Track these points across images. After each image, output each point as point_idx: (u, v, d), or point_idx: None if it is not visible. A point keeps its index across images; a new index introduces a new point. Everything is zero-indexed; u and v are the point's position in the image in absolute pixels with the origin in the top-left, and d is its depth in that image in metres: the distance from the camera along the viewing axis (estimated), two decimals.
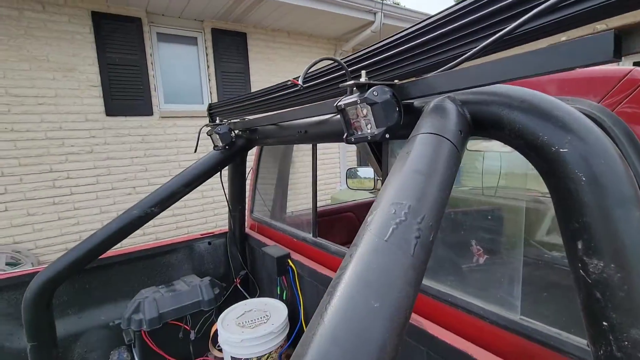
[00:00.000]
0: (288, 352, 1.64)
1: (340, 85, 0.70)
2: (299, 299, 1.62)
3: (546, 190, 0.57)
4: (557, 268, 0.99)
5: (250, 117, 1.50)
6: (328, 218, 2.55)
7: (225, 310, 1.67)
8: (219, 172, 1.70)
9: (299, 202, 4.43)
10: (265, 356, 1.49)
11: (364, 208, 2.93)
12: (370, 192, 3.58)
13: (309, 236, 1.64)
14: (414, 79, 0.67)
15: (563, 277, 0.95)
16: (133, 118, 4.27)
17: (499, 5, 0.50)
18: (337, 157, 6.16)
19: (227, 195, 1.95)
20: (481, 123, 0.61)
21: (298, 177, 3.23)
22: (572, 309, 0.85)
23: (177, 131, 4.60)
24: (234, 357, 1.48)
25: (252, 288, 2.05)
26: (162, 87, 4.53)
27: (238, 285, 2.02)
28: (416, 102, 0.70)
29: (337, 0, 4.66)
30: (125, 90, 4.16)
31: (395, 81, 0.67)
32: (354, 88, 0.70)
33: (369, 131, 0.67)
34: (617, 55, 0.40)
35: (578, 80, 0.71)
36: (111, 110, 4.10)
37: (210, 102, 4.81)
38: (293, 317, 1.64)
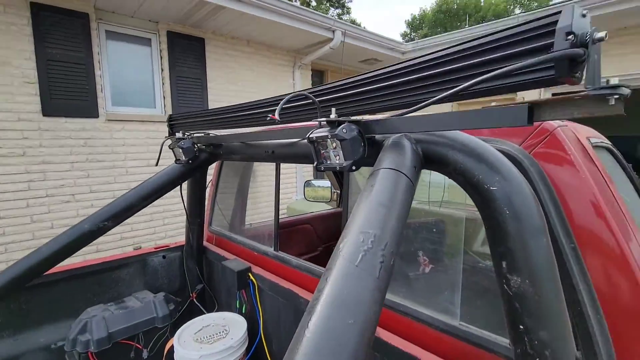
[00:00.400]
0: None
1: (312, 120, 0.77)
2: (259, 313, 1.64)
3: None
4: (491, 276, 1.15)
5: (215, 133, 1.51)
6: (286, 230, 2.59)
7: (182, 326, 1.63)
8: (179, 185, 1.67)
9: (256, 213, 4.41)
10: None
11: (320, 220, 3.02)
12: (327, 203, 3.68)
13: (270, 250, 1.68)
14: (378, 117, 0.77)
15: (495, 284, 1.12)
16: (75, 120, 3.94)
17: (453, 67, 0.61)
18: (293, 168, 6.22)
19: (185, 208, 1.91)
20: (431, 160, 0.72)
21: (255, 188, 3.23)
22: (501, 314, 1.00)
23: (126, 136, 4.34)
24: None
25: (209, 302, 2.02)
26: (110, 89, 4.26)
27: (194, 300, 1.98)
28: (377, 137, 0.81)
29: (298, 16, 4.79)
30: (67, 90, 3.84)
31: (362, 118, 0.76)
32: (325, 122, 0.78)
33: (337, 162, 0.76)
34: (530, 122, 0.53)
35: (508, 130, 0.87)
36: (49, 110, 3.75)
37: (164, 106, 4.63)
38: (252, 330, 1.65)
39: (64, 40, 3.78)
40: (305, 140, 1.05)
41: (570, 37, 0.46)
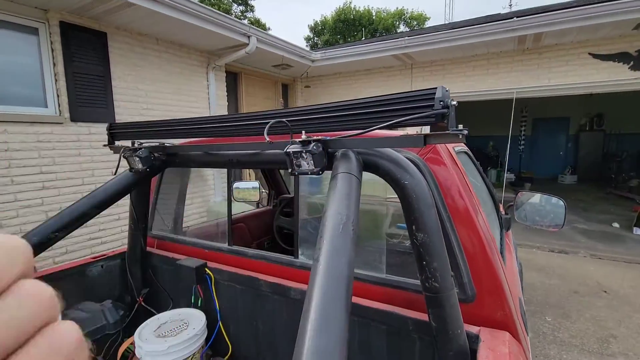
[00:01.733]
0: (208, 352, 1.82)
1: (291, 140, 1.08)
2: (216, 303, 1.83)
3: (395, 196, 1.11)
4: (402, 246, 1.64)
5: (175, 142, 1.64)
6: (224, 229, 2.76)
7: (139, 327, 1.71)
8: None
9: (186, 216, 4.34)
10: (190, 357, 1.65)
11: (251, 218, 3.24)
12: (249, 204, 3.87)
13: (225, 245, 1.88)
14: (333, 136, 1.13)
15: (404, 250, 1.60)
16: None
17: (381, 109, 1.00)
18: (211, 172, 6.16)
19: (132, 215, 1.94)
20: (368, 166, 1.11)
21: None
22: (409, 265, 1.49)
23: (9, 139, 3.73)
24: None
25: (155, 305, 2.08)
26: None
27: (142, 303, 2.02)
28: (330, 150, 1.16)
29: (213, 19, 4.83)
30: None
31: (322, 137, 1.10)
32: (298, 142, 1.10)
33: (308, 168, 1.08)
34: (424, 145, 0.96)
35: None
36: None
37: (57, 105, 4.12)
38: (208, 320, 1.83)
39: None
40: (271, 151, 1.35)
41: (441, 102, 0.89)
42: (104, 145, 1.89)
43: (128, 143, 1.68)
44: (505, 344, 1.06)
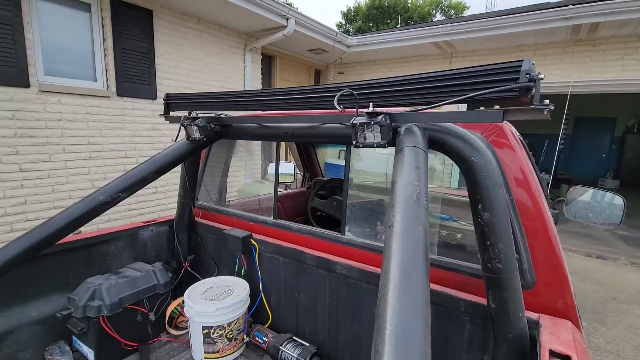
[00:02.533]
0: (249, 319, 1.90)
1: (359, 111, 1.08)
2: (259, 273, 1.90)
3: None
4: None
5: (234, 114, 1.68)
6: (265, 204, 2.83)
7: (188, 289, 1.80)
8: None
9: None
10: (234, 322, 1.72)
11: (285, 199, 3.28)
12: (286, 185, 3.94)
13: (270, 219, 1.93)
14: (400, 110, 1.11)
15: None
16: (0, 88, 3.47)
17: (458, 82, 0.98)
18: (244, 154, 6.27)
19: (183, 183, 2.02)
20: (433, 142, 1.10)
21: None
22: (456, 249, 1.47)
23: (63, 110, 3.95)
24: (205, 326, 1.66)
25: (199, 271, 2.17)
26: (42, 56, 3.81)
27: (188, 268, 2.12)
28: (393, 125, 1.15)
29: (255, 0, 4.83)
30: None
31: (388, 110, 1.09)
32: (365, 113, 1.10)
33: (374, 141, 1.08)
34: (502, 121, 0.93)
35: (474, 125, 1.30)
36: None
37: (106, 79, 4.30)
38: (251, 290, 1.90)
39: None
40: (329, 125, 1.35)
41: (527, 75, 0.86)
42: (160, 115, 1.97)
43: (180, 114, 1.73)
44: (568, 332, 1.04)
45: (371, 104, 1.09)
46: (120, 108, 4.47)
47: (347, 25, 31.29)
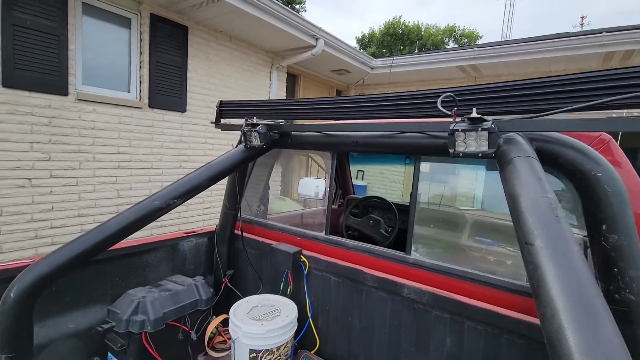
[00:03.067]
0: (296, 344, 1.74)
1: (464, 116, 0.99)
2: (307, 293, 1.76)
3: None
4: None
5: (298, 122, 1.61)
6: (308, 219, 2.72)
7: (233, 307, 1.67)
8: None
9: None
10: (283, 345, 1.57)
11: (314, 216, 3.16)
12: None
13: (321, 234, 1.81)
14: (506, 118, 1.01)
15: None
16: (40, 95, 3.51)
17: (589, 86, 0.88)
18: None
19: (229, 194, 1.93)
20: (542, 153, 0.99)
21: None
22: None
23: (97, 119, 3.98)
24: (253, 349, 1.51)
25: (239, 287, 2.04)
26: (83, 66, 3.88)
27: (228, 284, 1.99)
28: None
29: (288, 19, 4.93)
30: (35, 60, 3.41)
31: (502, 117, 0.99)
32: (464, 118, 1.00)
33: (480, 149, 0.98)
34: None
35: (580, 136, 1.19)
36: (10, 80, 3.29)
37: (139, 91, 4.35)
38: (299, 311, 1.75)
39: (35, 5, 3.37)
40: (406, 134, 1.26)
41: None
42: (211, 122, 1.91)
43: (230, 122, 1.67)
44: None
45: (474, 109, 0.99)
46: (150, 119, 4.49)
47: (362, 50, 32.08)
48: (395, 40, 29.82)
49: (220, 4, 4.23)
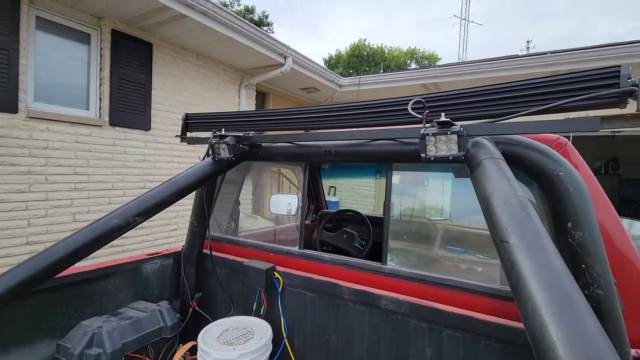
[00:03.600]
0: None
1: (434, 120, 1.00)
2: (282, 312, 1.67)
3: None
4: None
5: (267, 133, 1.57)
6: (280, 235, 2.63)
7: (201, 332, 1.54)
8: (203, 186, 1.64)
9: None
10: None
11: (287, 232, 3.09)
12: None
13: (295, 249, 1.75)
14: (473, 122, 1.04)
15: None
16: None
17: (543, 90, 0.92)
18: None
19: (196, 211, 1.83)
20: (507, 156, 1.02)
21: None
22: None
23: (50, 137, 3.71)
24: None
25: (209, 310, 1.91)
26: (35, 82, 3.64)
27: (196, 307, 1.86)
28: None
29: (256, 38, 4.97)
30: None
31: (470, 122, 1.02)
32: (433, 123, 1.02)
33: (450, 153, 0.99)
34: (599, 128, 0.87)
35: (540, 138, 1.25)
36: None
37: (99, 108, 4.14)
38: (274, 331, 1.66)
39: None
40: (378, 141, 1.26)
41: (629, 80, 0.81)
42: (176, 136, 1.83)
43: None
44: None
45: (443, 113, 1.02)
46: (111, 138, 4.26)
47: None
48: (360, 61, 31.02)
49: (186, 21, 4.19)
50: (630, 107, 0.85)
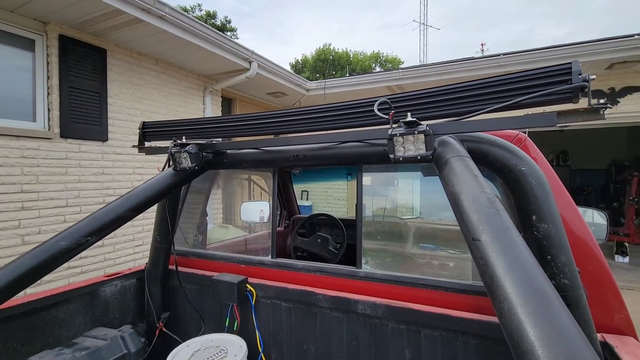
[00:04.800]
0: None
1: (401, 120, 0.99)
2: (257, 326, 1.60)
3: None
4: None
5: (233, 140, 1.50)
6: (252, 245, 2.53)
7: (170, 356, 1.44)
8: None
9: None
10: None
11: (259, 240, 3.01)
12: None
13: (267, 258, 1.68)
14: (439, 121, 1.04)
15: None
16: None
17: (500, 89, 0.94)
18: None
19: (158, 225, 1.71)
20: (473, 153, 1.03)
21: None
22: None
23: None
24: None
25: (177, 331, 1.79)
26: None
27: (164, 329, 1.73)
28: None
29: (219, 42, 4.84)
30: None
31: (436, 121, 1.02)
32: (400, 123, 1.01)
33: (418, 152, 0.99)
34: (555, 123, 0.89)
35: (502, 134, 1.28)
36: None
37: (47, 119, 3.83)
38: (249, 347, 1.59)
39: None
40: (348, 144, 1.24)
41: (580, 75, 0.85)
42: (133, 146, 1.72)
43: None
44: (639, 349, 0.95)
45: (409, 113, 1.01)
46: (63, 151, 3.95)
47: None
48: (327, 65, 31.36)
49: (142, 25, 3.99)
50: (583, 102, 0.88)
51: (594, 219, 2.09)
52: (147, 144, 1.71)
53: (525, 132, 1.34)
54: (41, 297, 1.49)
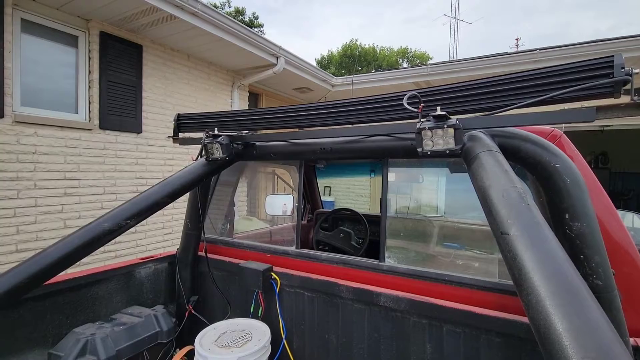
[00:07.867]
0: None
1: (430, 114, 0.99)
2: (280, 313, 1.65)
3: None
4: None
5: (260, 132, 1.55)
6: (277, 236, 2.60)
7: (198, 336, 1.52)
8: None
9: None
10: None
11: (283, 233, 3.06)
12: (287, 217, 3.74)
13: (292, 249, 1.73)
14: (468, 116, 1.04)
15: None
16: None
17: (540, 82, 0.92)
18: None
19: (190, 213, 1.80)
20: (504, 148, 1.01)
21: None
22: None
23: (38, 142, 3.63)
24: None
25: (205, 314, 1.88)
26: (21, 85, 3.56)
27: (192, 311, 1.83)
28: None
29: (248, 38, 4.94)
30: None
31: (465, 116, 1.01)
32: (429, 117, 1.01)
33: (447, 147, 0.98)
34: (594, 119, 0.86)
35: (535, 130, 1.25)
36: None
37: (88, 112, 4.07)
38: (272, 333, 1.64)
39: None
40: (374, 137, 1.25)
41: (623, 69, 0.81)
42: (168, 137, 1.80)
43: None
44: None
45: (438, 107, 1.01)
46: (102, 141, 4.20)
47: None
48: (353, 61, 31.11)
49: (176, 22, 4.14)
50: (625, 97, 0.85)
51: (634, 223, 1.99)
52: (180, 135, 1.79)
53: (561, 129, 1.29)
54: (85, 274, 1.61)
